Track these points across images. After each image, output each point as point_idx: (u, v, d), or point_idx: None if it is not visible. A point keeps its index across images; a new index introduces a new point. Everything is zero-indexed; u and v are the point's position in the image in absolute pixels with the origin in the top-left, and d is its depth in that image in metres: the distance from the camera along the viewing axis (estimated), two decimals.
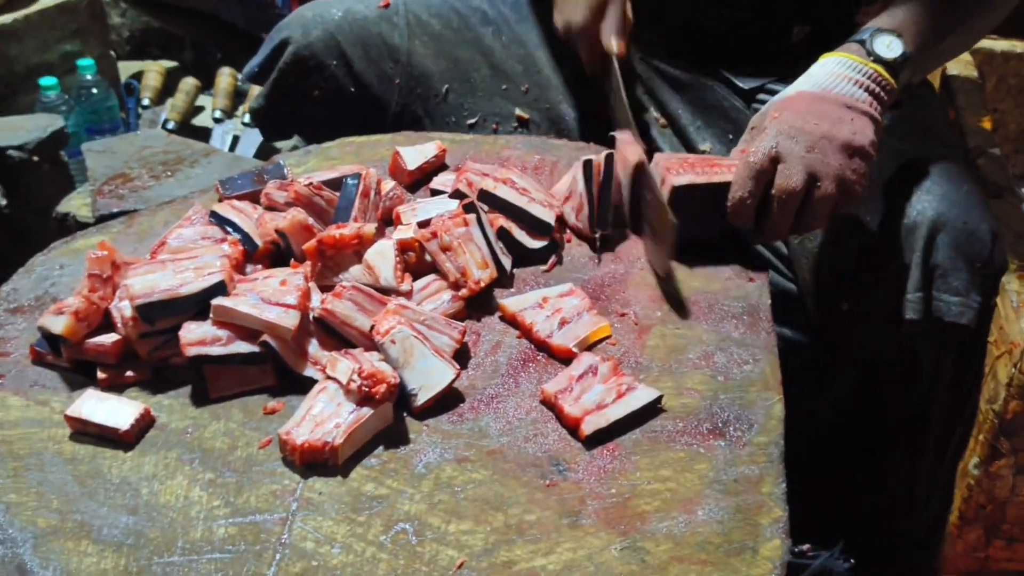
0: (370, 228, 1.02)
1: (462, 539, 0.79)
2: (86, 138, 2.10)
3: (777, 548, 0.78)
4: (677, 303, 1.05)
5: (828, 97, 1.08)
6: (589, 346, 0.98)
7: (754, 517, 0.81)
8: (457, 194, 1.14)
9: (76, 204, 1.52)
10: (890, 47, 1.10)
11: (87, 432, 0.88)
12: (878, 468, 1.36)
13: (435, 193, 1.19)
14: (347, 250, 1.01)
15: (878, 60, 1.10)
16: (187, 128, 2.45)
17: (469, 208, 1.07)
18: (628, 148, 1.15)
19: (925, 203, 1.14)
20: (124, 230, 1.16)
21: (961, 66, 1.68)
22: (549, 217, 1.12)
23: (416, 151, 1.24)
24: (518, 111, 1.46)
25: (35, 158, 1.68)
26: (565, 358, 0.96)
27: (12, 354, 0.97)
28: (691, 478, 0.85)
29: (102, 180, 1.43)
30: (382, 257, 1.01)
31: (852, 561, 1.37)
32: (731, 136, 1.38)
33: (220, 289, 0.93)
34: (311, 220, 1.05)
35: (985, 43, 1.81)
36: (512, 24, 1.48)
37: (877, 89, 1.09)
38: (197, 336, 0.91)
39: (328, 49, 1.42)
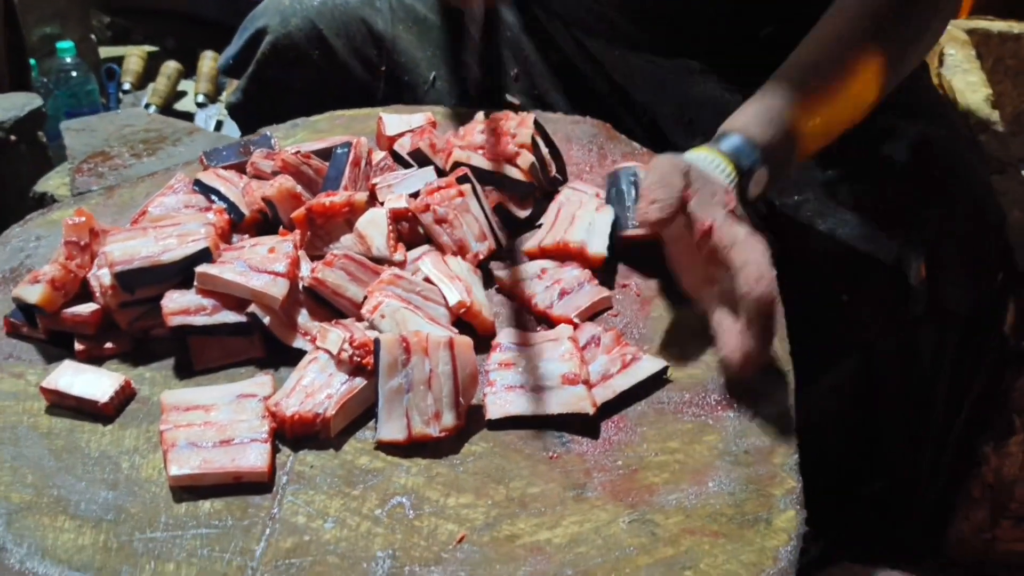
0: (361, 196, 0.98)
1: (462, 513, 0.75)
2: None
3: (792, 519, 0.75)
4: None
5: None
6: (591, 317, 0.95)
7: (767, 488, 0.77)
8: (418, 155, 1.09)
9: (54, 183, 1.48)
10: (746, 155, 0.92)
11: (64, 405, 0.83)
12: (877, 452, 1.33)
13: (395, 156, 1.13)
14: (337, 219, 0.97)
15: (737, 168, 0.92)
16: (169, 113, 2.40)
17: (462, 179, 1.02)
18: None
19: (930, 188, 1.10)
20: (103, 201, 1.11)
21: (958, 45, 1.66)
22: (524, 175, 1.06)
23: (401, 119, 1.18)
24: (508, 97, 1.41)
25: (12, 137, 1.62)
26: None
27: None
28: (700, 449, 0.81)
29: (81, 159, 1.38)
30: (374, 226, 0.97)
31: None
32: None
33: (205, 256, 0.89)
34: (299, 188, 1.01)
35: (981, 23, 1.78)
36: (498, 8, 1.41)
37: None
38: (180, 305, 0.87)
39: (309, 38, 1.33)
